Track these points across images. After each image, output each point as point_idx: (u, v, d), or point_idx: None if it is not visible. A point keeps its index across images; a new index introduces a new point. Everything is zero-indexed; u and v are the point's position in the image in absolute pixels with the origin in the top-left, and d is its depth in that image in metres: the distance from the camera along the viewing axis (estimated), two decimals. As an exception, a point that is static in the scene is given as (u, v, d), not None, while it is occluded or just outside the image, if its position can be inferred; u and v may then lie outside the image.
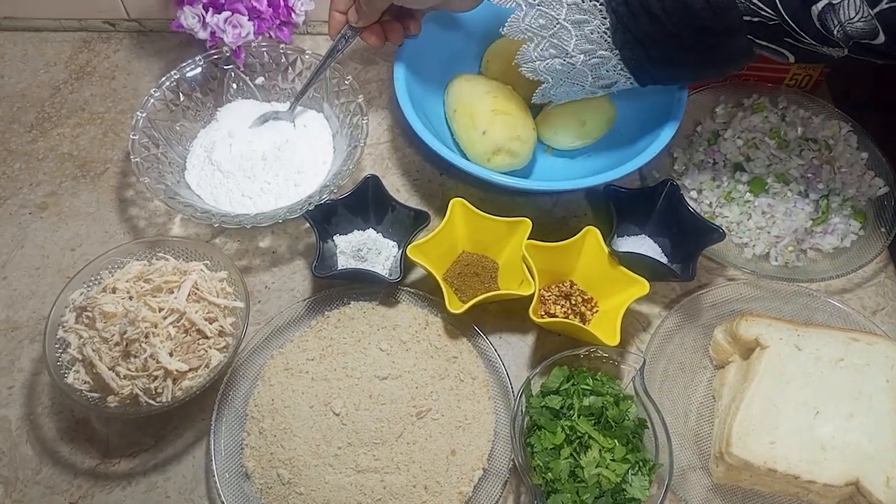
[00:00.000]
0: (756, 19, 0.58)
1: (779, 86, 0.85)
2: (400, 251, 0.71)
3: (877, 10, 0.54)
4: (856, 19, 0.55)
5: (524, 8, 0.63)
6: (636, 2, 0.59)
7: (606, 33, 0.62)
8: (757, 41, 0.60)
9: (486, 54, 0.82)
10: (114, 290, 0.63)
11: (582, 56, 0.64)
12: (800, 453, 0.58)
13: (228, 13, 0.74)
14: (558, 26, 0.63)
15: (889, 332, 0.70)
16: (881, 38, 0.55)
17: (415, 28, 0.75)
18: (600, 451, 0.59)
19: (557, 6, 0.62)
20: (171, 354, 0.60)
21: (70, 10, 0.91)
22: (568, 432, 0.60)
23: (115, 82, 0.88)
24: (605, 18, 0.62)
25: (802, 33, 0.57)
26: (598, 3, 0.61)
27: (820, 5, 0.55)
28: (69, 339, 0.62)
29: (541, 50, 0.65)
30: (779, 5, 0.56)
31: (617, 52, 0.63)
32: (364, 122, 0.74)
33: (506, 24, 0.65)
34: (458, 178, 0.80)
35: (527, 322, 0.66)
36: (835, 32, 0.56)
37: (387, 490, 0.60)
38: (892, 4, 0.53)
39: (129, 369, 0.60)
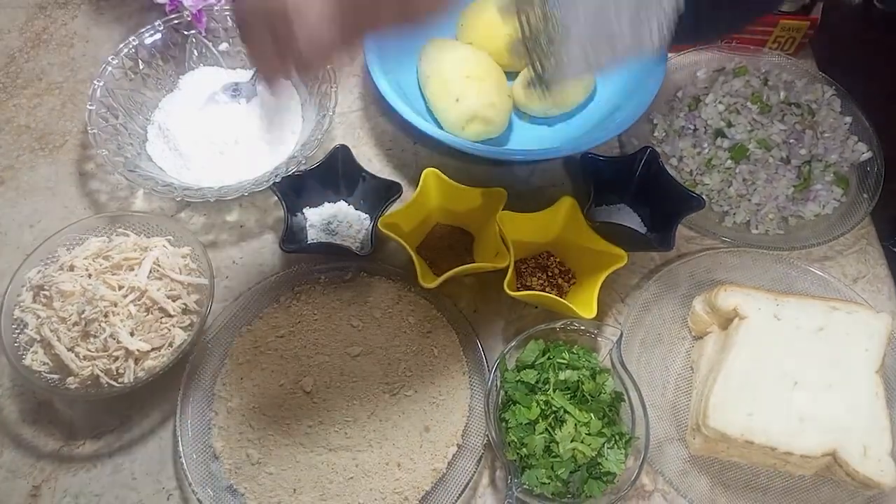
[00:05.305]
0: None
1: (761, 48, 0.82)
2: (371, 224, 0.69)
3: None
4: None
5: None
6: None
7: None
8: None
9: (460, 18, 0.79)
10: (71, 268, 0.61)
11: None
12: (777, 425, 0.57)
13: (187, -25, 0.70)
14: None
15: (869, 300, 0.68)
16: None
17: None
18: (576, 425, 0.58)
19: None
20: (132, 334, 0.58)
21: (23, -26, 0.86)
22: (543, 407, 0.58)
23: (74, 50, 0.84)
24: None
25: None
26: None
27: None
28: (26, 320, 0.60)
29: None
30: None
31: None
32: (333, 90, 0.71)
33: None
34: (432, 148, 0.77)
35: (502, 294, 0.64)
36: None
37: (359, 468, 0.59)
38: None
39: (88, 350, 0.58)
